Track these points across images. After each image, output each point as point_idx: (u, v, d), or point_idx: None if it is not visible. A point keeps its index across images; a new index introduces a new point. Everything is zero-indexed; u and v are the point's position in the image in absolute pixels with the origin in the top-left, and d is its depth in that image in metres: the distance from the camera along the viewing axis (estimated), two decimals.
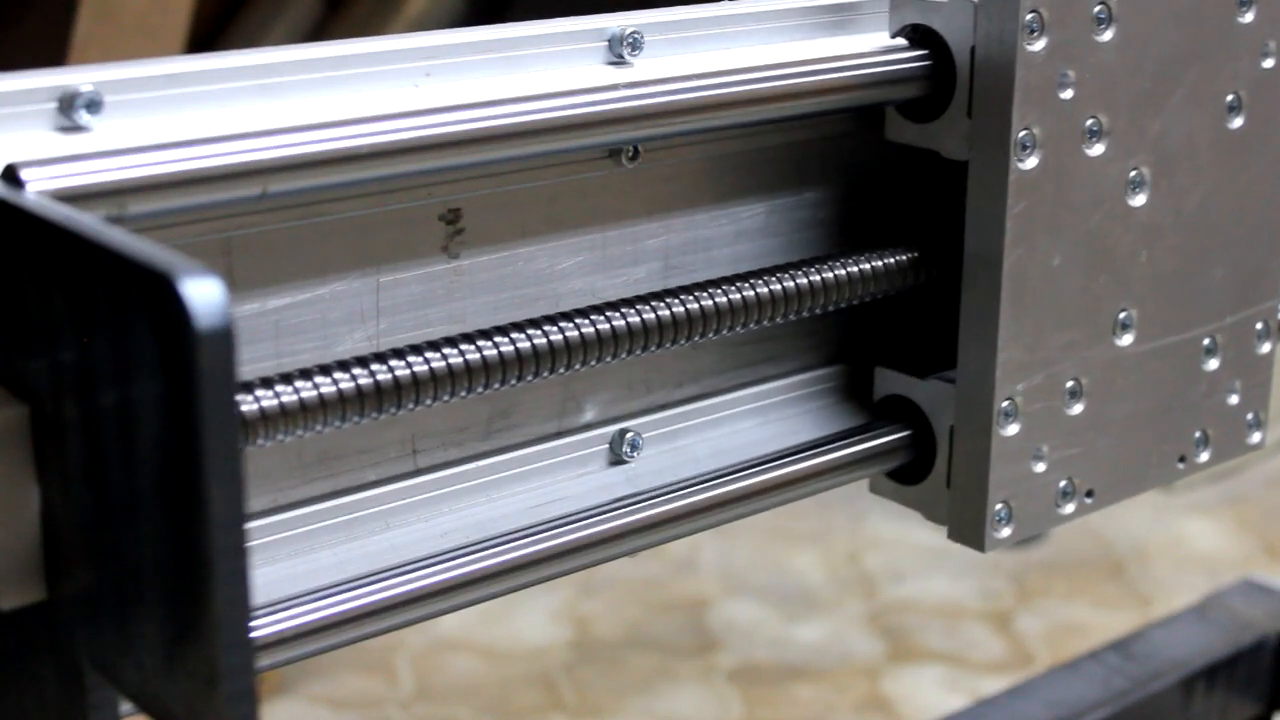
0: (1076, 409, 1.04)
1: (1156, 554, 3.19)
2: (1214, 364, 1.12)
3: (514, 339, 0.87)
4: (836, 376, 1.11)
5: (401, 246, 0.89)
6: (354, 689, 2.71)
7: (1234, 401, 1.14)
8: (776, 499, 1.01)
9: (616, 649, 2.84)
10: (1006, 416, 1.00)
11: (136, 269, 0.61)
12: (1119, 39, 0.99)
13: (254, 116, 0.78)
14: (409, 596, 0.86)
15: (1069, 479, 1.05)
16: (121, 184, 0.72)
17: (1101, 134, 1.00)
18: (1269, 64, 1.09)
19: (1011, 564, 3.12)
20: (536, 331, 0.88)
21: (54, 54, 2.08)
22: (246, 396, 0.78)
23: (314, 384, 0.80)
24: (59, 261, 0.65)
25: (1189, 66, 1.04)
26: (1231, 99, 1.07)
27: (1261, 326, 1.14)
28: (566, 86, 0.87)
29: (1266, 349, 1.15)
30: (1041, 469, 1.03)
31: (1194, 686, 1.73)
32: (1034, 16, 0.94)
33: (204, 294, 0.59)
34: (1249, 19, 1.06)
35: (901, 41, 0.99)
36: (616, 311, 0.91)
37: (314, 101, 0.81)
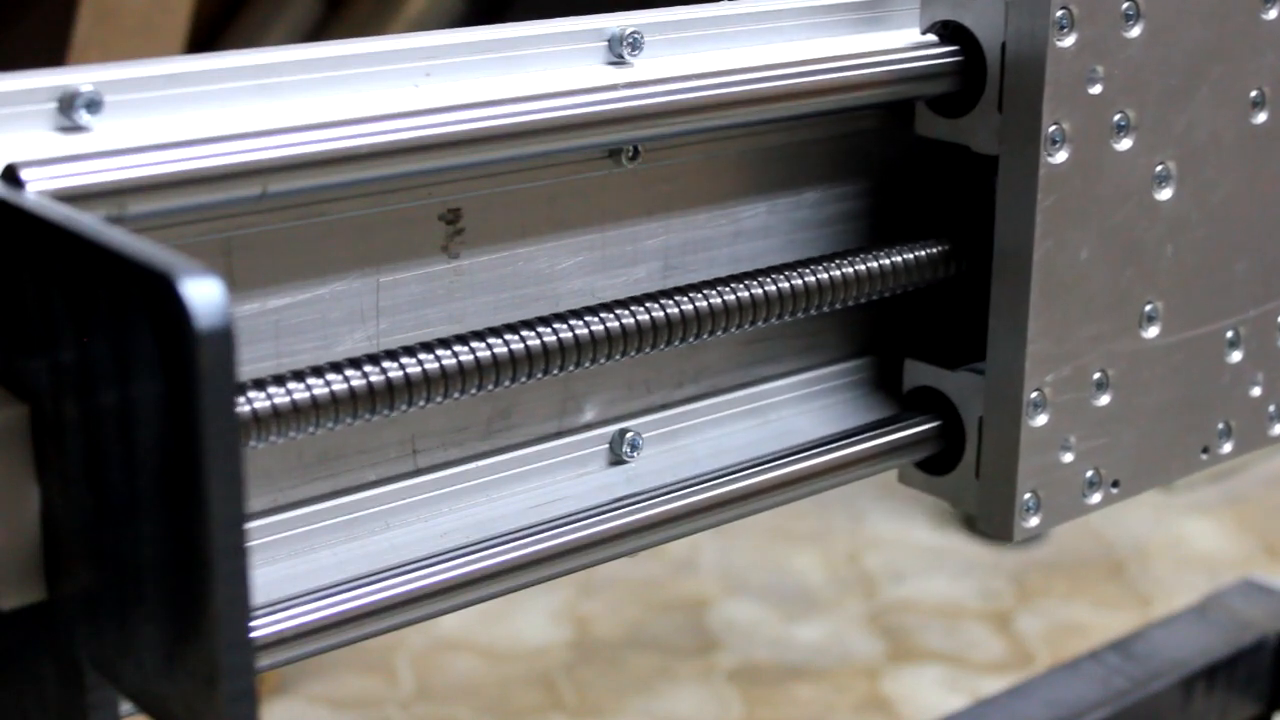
0: (1103, 400, 1.05)
1: (1156, 554, 3.19)
2: (1237, 356, 1.13)
3: (514, 339, 0.87)
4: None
5: (401, 246, 0.89)
6: (354, 689, 2.71)
7: (1257, 393, 1.15)
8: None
9: (616, 649, 2.84)
10: (1035, 407, 1.01)
11: (136, 269, 0.61)
12: (1146, 35, 1.00)
13: (254, 116, 0.78)
14: (409, 596, 0.86)
15: (1095, 469, 1.06)
16: (121, 184, 0.72)
17: (1129, 129, 1.01)
18: None
19: (1011, 564, 3.12)
20: (536, 331, 0.88)
21: (54, 54, 2.08)
22: (247, 396, 0.78)
23: (314, 384, 0.80)
24: (59, 261, 0.65)
25: (1214, 63, 1.05)
26: (1255, 95, 1.08)
27: None
28: (566, 86, 0.87)
29: None
30: (1069, 459, 1.04)
31: (1194, 686, 1.73)
32: (1064, 13, 0.95)
33: (204, 294, 0.59)
34: (1273, 16, 1.07)
35: (932, 38, 1.00)
36: (616, 311, 0.91)
37: (314, 101, 0.81)
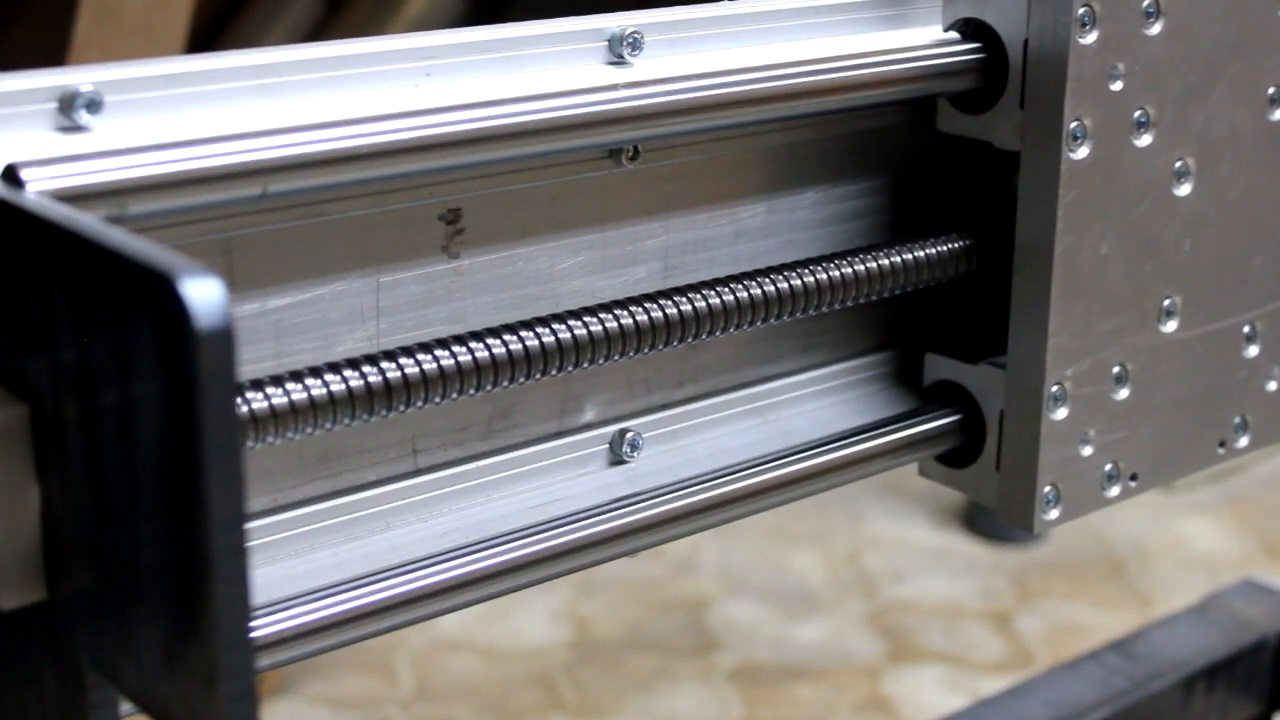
0: (1122, 394, 1.06)
1: (1156, 554, 3.19)
2: (1254, 350, 1.14)
3: (514, 339, 0.87)
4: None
5: (401, 246, 0.89)
6: (354, 689, 2.71)
7: (1273, 388, 1.16)
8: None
9: (616, 649, 2.84)
10: (1056, 401, 1.02)
11: (136, 269, 0.60)
12: (1166, 32, 1.00)
13: (254, 116, 0.78)
14: (409, 596, 0.86)
15: (1114, 462, 1.07)
16: (121, 184, 0.72)
17: (1149, 125, 1.02)
18: None
19: (1011, 564, 3.12)
20: (536, 331, 0.88)
21: (54, 54, 2.08)
22: (247, 397, 0.78)
23: (314, 385, 0.80)
24: (59, 261, 0.65)
25: (1232, 60, 1.05)
26: (1273, 91, 1.09)
27: None
28: (566, 86, 0.87)
29: None
30: (1089, 452, 1.05)
31: (1194, 686, 1.73)
32: (1086, 10, 0.96)
33: (204, 294, 0.59)
34: None
35: (955, 35, 1.01)
36: (616, 311, 0.91)
37: (314, 101, 0.81)
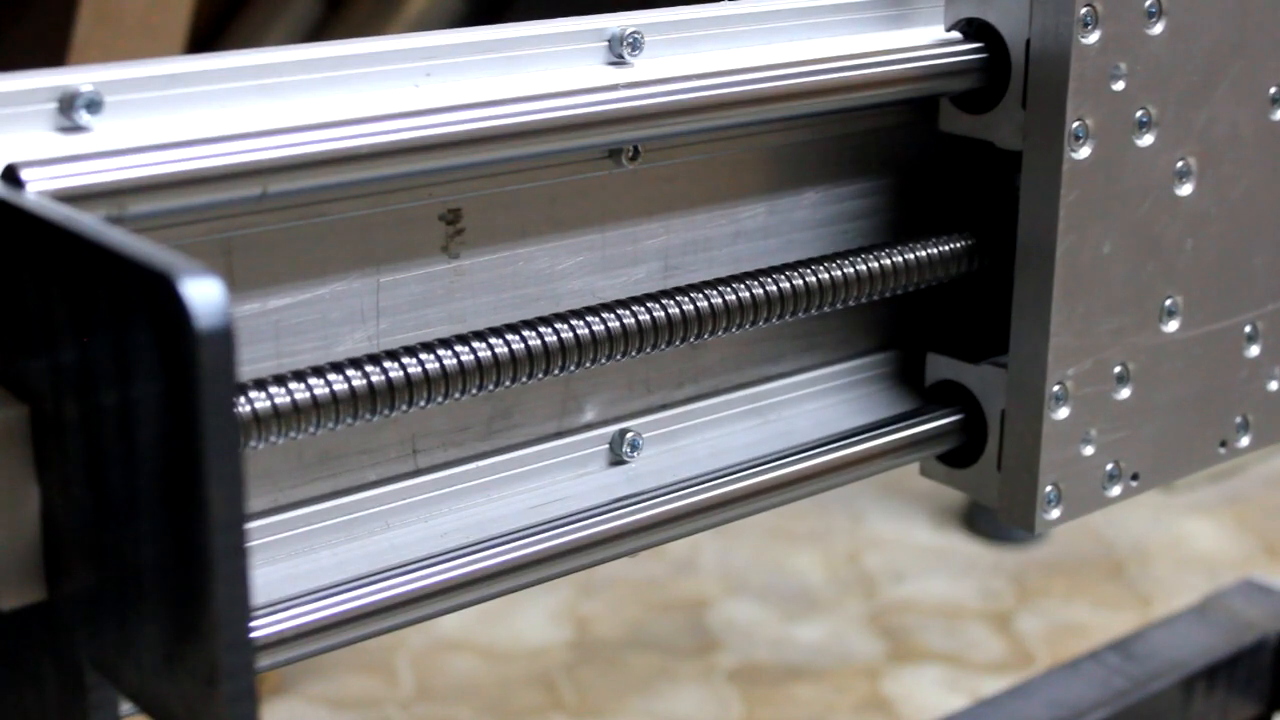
0: (1124, 394, 1.06)
1: (1156, 554, 3.19)
2: (1255, 350, 1.14)
3: (514, 339, 0.87)
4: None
5: (401, 246, 0.89)
6: (354, 689, 2.71)
7: (1274, 388, 1.16)
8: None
9: (616, 649, 2.84)
10: (1057, 400, 1.02)
11: (136, 269, 0.60)
12: (1168, 32, 1.01)
13: (254, 116, 0.78)
14: (409, 596, 0.86)
15: (1116, 462, 1.07)
16: (121, 184, 0.72)
17: (1151, 125, 1.02)
18: None
19: (1011, 564, 3.12)
20: (536, 331, 0.88)
21: (54, 54, 2.08)
22: (247, 396, 0.78)
23: (314, 384, 0.80)
24: (59, 261, 0.65)
25: (1234, 60, 1.05)
26: (1275, 91, 1.09)
27: None
28: (566, 86, 0.87)
29: None
30: (1090, 452, 1.05)
31: (1194, 686, 1.73)
32: (1088, 10, 0.96)
33: (204, 294, 0.59)
34: None
35: (957, 35, 1.01)
36: (616, 311, 0.91)
37: (314, 101, 0.81)
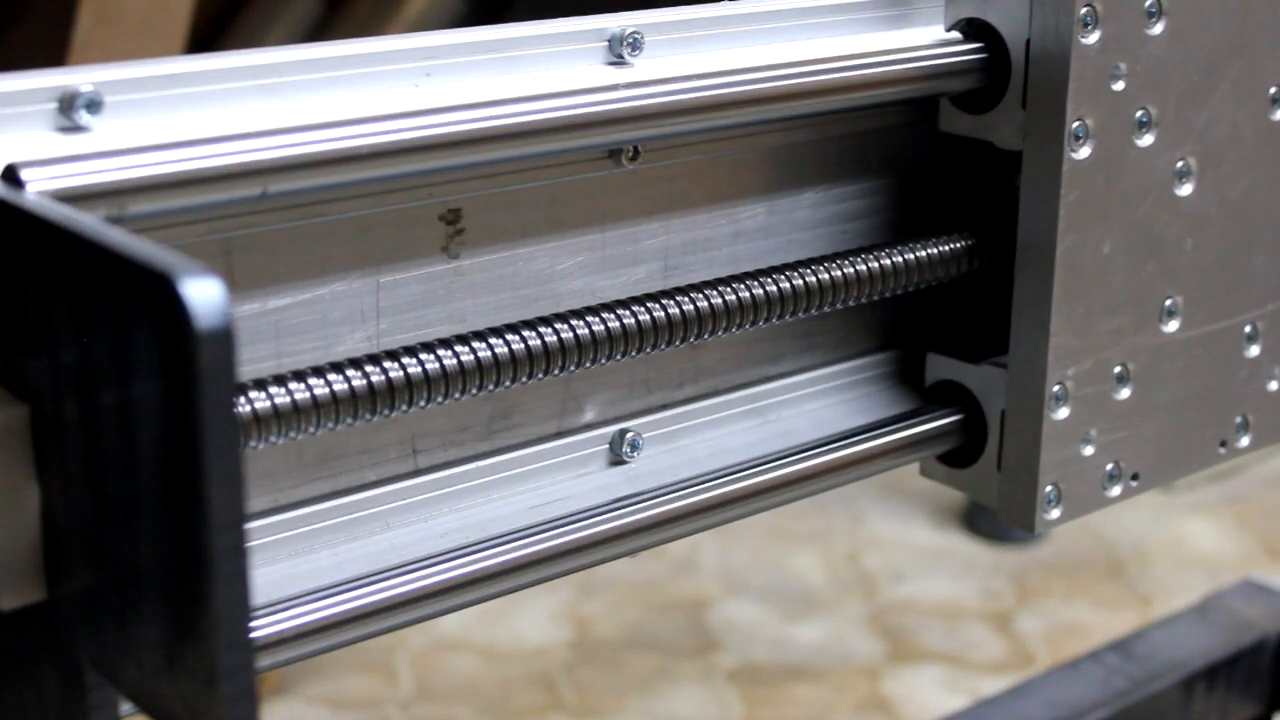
0: (1124, 394, 1.06)
1: (1156, 554, 3.19)
2: (1255, 350, 1.14)
3: (514, 339, 0.87)
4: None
5: (401, 246, 0.89)
6: (354, 689, 2.71)
7: (1273, 388, 1.16)
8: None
9: (616, 649, 2.84)
10: (1057, 400, 1.02)
11: (136, 269, 0.60)
12: (1168, 32, 1.01)
13: (254, 116, 0.78)
14: (409, 596, 0.86)
15: (1115, 462, 1.07)
16: (121, 184, 0.72)
17: (1151, 125, 1.02)
18: None
19: (1011, 564, 3.12)
20: (537, 331, 0.88)
21: (54, 54, 2.08)
22: (247, 396, 0.78)
23: (314, 384, 0.80)
24: (59, 261, 0.65)
25: (1234, 60, 1.05)
26: (1275, 91, 1.09)
27: None
28: (566, 86, 0.87)
29: None
30: (1090, 452, 1.05)
31: (1194, 686, 1.73)
32: (1088, 10, 0.96)
33: (204, 294, 0.59)
34: None
35: (957, 35, 1.01)
36: (616, 311, 0.91)
37: (314, 101, 0.81)
